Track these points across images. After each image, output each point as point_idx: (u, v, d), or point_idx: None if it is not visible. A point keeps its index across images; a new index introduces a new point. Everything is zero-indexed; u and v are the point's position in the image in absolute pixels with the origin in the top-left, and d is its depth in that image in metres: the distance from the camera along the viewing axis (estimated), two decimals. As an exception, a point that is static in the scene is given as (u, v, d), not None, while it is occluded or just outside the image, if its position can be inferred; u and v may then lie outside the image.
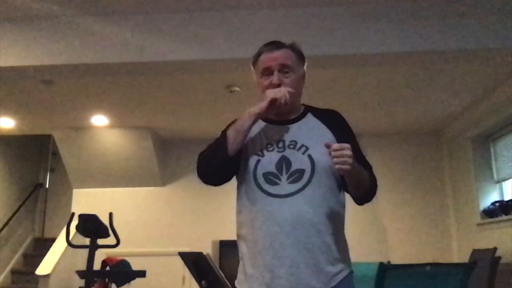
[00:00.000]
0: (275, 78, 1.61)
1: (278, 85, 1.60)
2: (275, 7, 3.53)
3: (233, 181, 1.66)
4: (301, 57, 1.69)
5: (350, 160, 1.41)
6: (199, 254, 3.02)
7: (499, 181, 5.36)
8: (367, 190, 1.59)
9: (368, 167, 1.62)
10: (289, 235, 1.48)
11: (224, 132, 1.62)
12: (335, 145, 1.43)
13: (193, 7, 3.53)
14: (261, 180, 1.55)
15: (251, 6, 3.52)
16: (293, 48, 1.67)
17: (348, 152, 1.42)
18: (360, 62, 3.71)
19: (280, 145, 1.60)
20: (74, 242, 4.69)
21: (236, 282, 1.62)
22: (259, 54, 1.68)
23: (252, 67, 1.73)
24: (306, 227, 1.49)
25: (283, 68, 1.62)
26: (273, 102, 1.56)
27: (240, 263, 1.61)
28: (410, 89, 4.91)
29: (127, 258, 4.99)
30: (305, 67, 1.70)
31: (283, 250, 1.48)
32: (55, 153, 7.31)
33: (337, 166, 1.41)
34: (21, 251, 7.12)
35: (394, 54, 3.52)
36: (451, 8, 3.44)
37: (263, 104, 1.57)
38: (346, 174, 1.47)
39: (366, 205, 1.67)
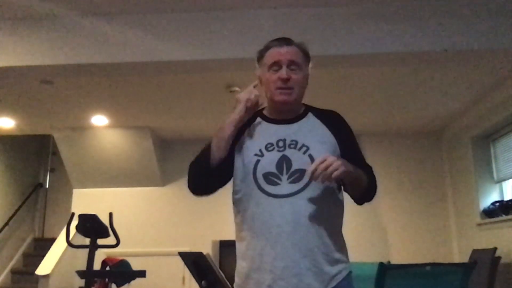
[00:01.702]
0: (283, 72, 1.59)
1: (287, 80, 1.58)
2: (275, 7, 3.53)
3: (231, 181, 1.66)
4: (307, 57, 1.67)
5: (338, 163, 1.40)
6: (199, 254, 3.02)
7: (499, 181, 5.36)
8: (366, 190, 1.59)
9: (367, 168, 1.62)
10: (289, 236, 1.47)
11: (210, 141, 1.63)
12: (316, 161, 1.42)
13: (193, 7, 3.53)
14: (261, 180, 1.54)
15: (251, 6, 3.52)
16: (301, 47, 1.65)
17: (331, 158, 1.41)
18: (360, 62, 3.71)
19: (281, 144, 1.58)
20: (74, 242, 4.69)
21: (235, 285, 1.60)
22: (266, 48, 1.66)
23: (256, 62, 1.70)
24: (306, 228, 1.48)
25: (291, 65, 1.60)
26: (248, 103, 1.60)
27: (238, 264, 1.60)
28: (410, 89, 4.90)
29: (127, 258, 4.99)
30: (309, 68, 1.69)
31: (284, 251, 1.47)
32: (55, 153, 7.31)
33: (333, 176, 1.40)
34: (21, 251, 7.12)
35: (394, 54, 3.52)
36: (451, 8, 3.44)
37: (240, 107, 1.60)
38: (344, 177, 1.47)
39: (366, 205, 1.67)
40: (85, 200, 6.36)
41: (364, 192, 1.59)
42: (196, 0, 3.46)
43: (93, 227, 4.44)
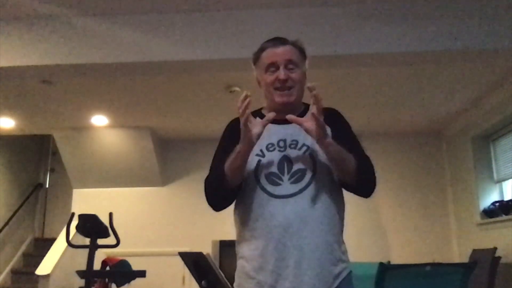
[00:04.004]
0: (281, 73, 1.57)
1: (285, 81, 1.57)
2: (275, 7, 3.53)
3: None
4: (303, 54, 1.66)
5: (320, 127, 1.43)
6: (199, 254, 3.02)
7: (499, 181, 5.36)
8: (356, 176, 1.51)
9: (362, 157, 1.57)
10: (292, 236, 1.47)
11: (217, 156, 1.61)
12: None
13: (193, 7, 3.53)
14: (263, 180, 1.54)
15: (251, 6, 3.52)
16: (296, 45, 1.64)
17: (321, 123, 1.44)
18: (360, 62, 3.71)
19: (281, 144, 1.58)
20: (74, 242, 4.69)
21: (235, 285, 1.59)
22: (261, 50, 1.64)
23: (252, 65, 1.69)
24: (309, 228, 1.48)
25: (289, 64, 1.59)
26: (243, 120, 1.45)
27: (238, 264, 1.59)
28: (410, 89, 4.90)
29: (127, 258, 4.99)
30: (306, 65, 1.68)
31: (287, 251, 1.46)
32: (55, 153, 7.31)
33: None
34: (21, 251, 7.12)
35: (394, 54, 3.52)
36: (451, 8, 3.44)
37: (242, 132, 1.48)
38: (323, 146, 1.47)
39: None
40: (85, 200, 6.36)
41: (354, 178, 1.51)
42: (196, 0, 3.46)
43: (93, 227, 4.44)
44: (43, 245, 6.68)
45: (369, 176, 1.56)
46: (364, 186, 1.57)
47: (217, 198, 1.59)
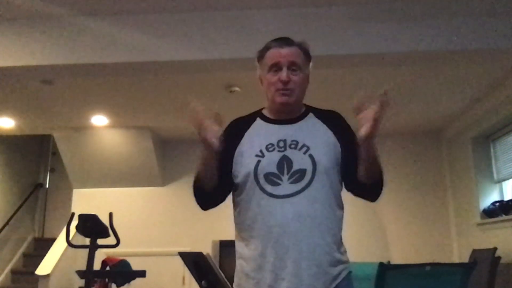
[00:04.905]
0: (284, 74, 1.57)
1: (287, 82, 1.57)
2: (276, 7, 3.53)
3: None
4: (308, 57, 1.66)
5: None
6: (199, 254, 3.02)
7: (499, 181, 5.36)
8: (380, 178, 1.54)
9: None
10: (291, 236, 1.47)
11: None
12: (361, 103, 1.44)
13: (193, 7, 3.53)
14: (262, 181, 1.54)
15: (251, 6, 3.52)
16: (302, 47, 1.64)
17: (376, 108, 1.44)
18: (360, 62, 3.71)
19: (281, 144, 1.58)
20: (74, 242, 4.69)
21: (235, 285, 1.60)
22: (266, 48, 1.64)
23: (256, 62, 1.69)
24: (308, 228, 1.48)
25: (292, 66, 1.59)
26: (202, 137, 1.50)
27: (238, 264, 1.59)
28: (410, 89, 4.90)
29: (127, 258, 4.99)
30: (310, 67, 1.68)
31: (286, 251, 1.47)
32: (55, 153, 7.31)
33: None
34: (21, 251, 7.11)
35: (394, 54, 3.52)
36: (451, 8, 3.44)
37: (202, 145, 1.52)
38: (373, 135, 1.43)
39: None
40: (85, 200, 6.36)
41: (379, 179, 1.54)
42: (196, 0, 3.46)
43: (93, 227, 4.44)
44: (43, 245, 6.67)
45: (383, 179, 1.58)
46: (379, 189, 1.58)
47: (198, 198, 1.64)
